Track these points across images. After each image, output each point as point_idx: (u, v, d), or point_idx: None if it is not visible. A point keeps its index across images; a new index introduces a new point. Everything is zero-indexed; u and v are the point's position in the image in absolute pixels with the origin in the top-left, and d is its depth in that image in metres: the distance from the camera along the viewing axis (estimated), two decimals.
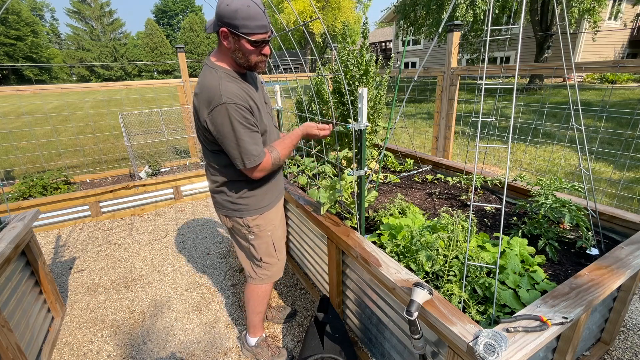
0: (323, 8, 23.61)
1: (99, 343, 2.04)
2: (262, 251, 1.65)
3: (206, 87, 1.31)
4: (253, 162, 1.35)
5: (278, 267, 1.74)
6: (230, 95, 1.27)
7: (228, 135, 1.30)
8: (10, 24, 31.75)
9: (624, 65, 2.00)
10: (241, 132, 1.30)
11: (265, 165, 1.41)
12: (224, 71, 1.34)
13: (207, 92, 1.30)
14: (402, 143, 5.77)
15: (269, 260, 1.69)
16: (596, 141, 4.88)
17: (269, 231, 1.63)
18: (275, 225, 1.66)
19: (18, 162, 5.64)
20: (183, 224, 3.52)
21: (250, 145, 1.33)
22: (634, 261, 1.30)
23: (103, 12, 41.74)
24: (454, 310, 1.08)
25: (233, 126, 1.28)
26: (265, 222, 1.61)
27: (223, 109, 1.26)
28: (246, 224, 1.58)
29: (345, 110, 2.45)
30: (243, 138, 1.31)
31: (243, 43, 1.27)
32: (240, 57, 1.32)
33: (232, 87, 1.30)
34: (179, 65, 4.17)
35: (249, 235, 1.61)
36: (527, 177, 1.97)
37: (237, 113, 1.28)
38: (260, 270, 1.71)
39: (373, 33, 31.35)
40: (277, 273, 1.76)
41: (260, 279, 1.73)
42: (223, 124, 1.28)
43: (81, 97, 13.45)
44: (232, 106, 1.27)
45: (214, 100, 1.27)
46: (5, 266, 1.71)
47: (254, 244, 1.63)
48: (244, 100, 1.31)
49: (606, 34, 13.56)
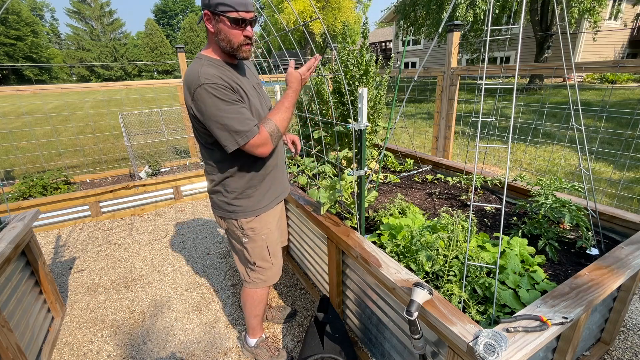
0: (323, 8, 23.61)
1: (99, 343, 2.04)
2: (255, 255, 1.61)
3: (188, 74, 1.30)
4: (247, 138, 1.27)
5: (273, 272, 1.70)
6: (208, 77, 1.24)
7: (212, 115, 1.25)
8: (10, 24, 31.77)
9: (624, 65, 2.00)
10: (225, 108, 1.25)
11: (263, 138, 1.32)
12: (208, 59, 1.33)
13: (188, 79, 1.29)
14: (402, 143, 5.77)
15: (263, 265, 1.65)
16: (596, 141, 4.88)
17: (263, 235, 1.59)
18: (271, 228, 1.62)
19: (18, 162, 5.64)
20: (183, 224, 3.52)
21: (237, 121, 1.27)
22: (634, 261, 1.30)
23: (103, 12, 41.75)
24: (454, 310, 1.08)
25: (215, 105, 1.24)
26: (261, 225, 1.57)
27: (202, 90, 1.23)
28: (240, 226, 1.54)
29: (345, 110, 2.45)
30: (228, 115, 1.25)
31: (223, 23, 1.25)
32: (223, 39, 1.29)
33: (211, 70, 1.28)
34: (179, 65, 4.16)
35: (243, 238, 1.57)
36: (527, 177, 1.97)
37: (217, 91, 1.24)
38: (254, 274, 1.67)
39: (373, 33, 31.35)
40: (272, 277, 1.71)
41: (254, 283, 1.69)
42: (206, 105, 1.25)
43: (81, 97, 13.45)
44: (212, 85, 1.23)
45: (194, 83, 1.25)
46: (5, 266, 1.71)
47: (248, 247, 1.59)
48: (223, 81, 1.27)
49: (606, 34, 13.56)
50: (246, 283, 1.72)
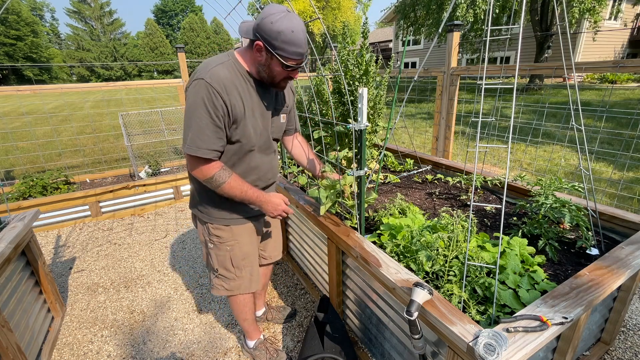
0: (323, 8, 23.61)
1: (99, 343, 2.04)
2: (219, 262, 1.55)
3: (204, 63, 1.26)
4: (192, 151, 1.22)
5: (237, 284, 1.60)
6: (213, 77, 1.20)
7: (188, 110, 1.22)
8: (10, 24, 31.75)
9: (624, 65, 2.00)
10: (202, 115, 1.20)
11: (206, 169, 1.26)
12: (235, 62, 1.28)
13: (199, 67, 1.25)
14: (402, 143, 5.77)
15: (225, 274, 1.58)
16: (596, 141, 4.88)
17: (228, 246, 1.51)
18: (241, 242, 1.53)
19: (18, 162, 5.64)
20: (183, 224, 3.51)
21: (204, 134, 1.21)
22: (634, 261, 1.30)
23: (103, 12, 41.74)
24: (454, 310, 1.08)
25: (197, 104, 1.20)
26: (229, 235, 1.49)
27: (198, 84, 1.20)
28: (207, 230, 1.49)
29: (345, 110, 2.45)
30: (199, 122, 1.20)
31: (275, 62, 1.23)
32: (266, 71, 1.27)
33: (224, 73, 1.23)
34: (179, 65, 4.16)
35: (208, 243, 1.52)
36: (527, 177, 1.97)
37: (208, 96, 1.19)
38: (217, 281, 1.61)
39: (373, 33, 31.35)
40: (237, 288, 1.61)
41: (216, 288, 1.62)
42: (191, 99, 1.21)
43: (81, 97, 13.45)
44: (208, 86, 1.18)
45: (198, 73, 1.21)
46: (5, 266, 1.71)
47: (212, 252, 1.54)
48: (224, 90, 1.21)
49: (606, 34, 13.56)
50: (211, 286, 1.66)
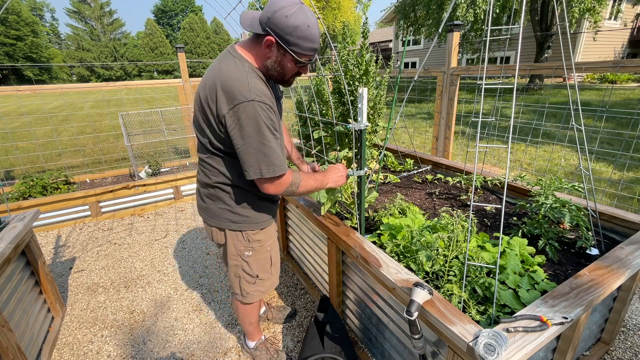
0: (323, 8, 23.61)
1: (99, 343, 2.04)
2: (259, 267, 1.51)
3: (231, 78, 1.15)
4: (273, 173, 1.19)
5: (271, 282, 1.62)
6: (260, 94, 1.15)
7: (252, 137, 1.14)
8: (10, 24, 31.73)
9: (624, 65, 2.00)
10: (268, 136, 1.16)
11: (286, 180, 1.26)
12: (252, 68, 1.21)
13: (231, 84, 1.14)
14: (402, 143, 5.77)
15: (264, 276, 1.56)
16: (596, 141, 4.88)
17: (268, 246, 1.51)
18: (274, 239, 1.56)
19: (18, 162, 5.64)
20: (183, 224, 3.51)
21: (275, 152, 1.19)
22: (634, 261, 1.30)
23: (103, 12, 41.72)
24: (454, 310, 1.08)
25: (259, 127, 1.14)
26: (267, 236, 1.49)
27: (251, 107, 1.12)
28: (247, 238, 1.43)
29: (345, 110, 2.45)
30: (268, 144, 1.16)
31: (287, 59, 1.19)
32: (277, 68, 1.22)
33: (261, 85, 1.18)
34: (179, 65, 4.17)
35: (247, 251, 1.46)
36: (527, 177, 1.97)
37: (265, 114, 1.15)
38: (252, 287, 1.55)
39: (373, 33, 31.34)
40: (270, 287, 1.62)
41: (251, 296, 1.56)
42: (248, 124, 1.13)
43: (81, 97, 13.44)
44: (263, 105, 1.14)
45: (242, 94, 1.12)
46: (5, 266, 1.71)
47: (250, 260, 1.48)
48: (271, 101, 1.19)
49: (606, 34, 13.57)
50: (242, 297, 1.58)
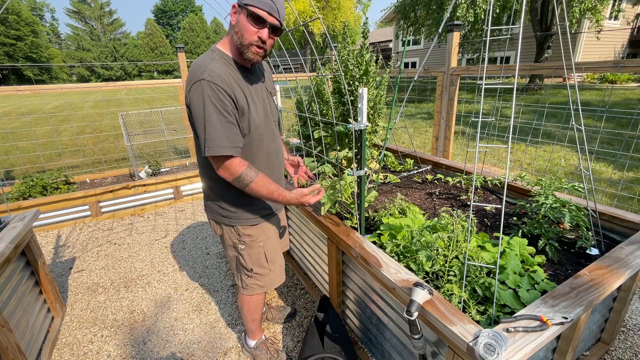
0: (323, 8, 23.62)
1: (99, 343, 2.04)
2: (252, 261, 1.57)
3: (195, 64, 1.27)
4: (213, 152, 1.23)
5: (271, 278, 1.64)
6: (212, 74, 1.21)
7: (198, 114, 1.22)
8: (10, 24, 31.72)
9: (624, 65, 2.00)
10: (211, 114, 1.21)
11: (232, 167, 1.27)
12: (221, 53, 1.30)
13: (193, 69, 1.26)
14: (402, 143, 5.77)
15: (260, 271, 1.60)
16: (596, 141, 4.88)
17: (261, 242, 1.54)
18: (271, 236, 1.58)
19: (18, 162, 5.64)
20: (183, 224, 3.52)
21: (217, 131, 1.22)
22: (634, 261, 1.30)
23: (103, 12, 41.71)
24: (454, 310, 1.08)
25: (205, 105, 1.21)
26: (259, 232, 1.53)
27: (200, 85, 1.20)
28: (237, 232, 1.50)
29: (345, 110, 2.45)
30: (211, 121, 1.21)
31: (244, 15, 1.23)
32: (237, 32, 1.25)
33: (220, 68, 1.25)
34: (179, 65, 4.16)
35: (239, 244, 1.53)
36: (527, 177, 1.97)
37: (214, 93, 1.20)
38: (251, 280, 1.62)
39: (373, 33, 31.35)
40: (270, 284, 1.66)
41: (251, 288, 1.64)
42: (197, 102, 1.21)
43: (81, 97, 13.43)
44: (211, 85, 1.20)
45: (196, 75, 1.22)
46: (5, 266, 1.71)
47: (244, 253, 1.55)
48: (227, 84, 1.23)
49: (606, 34, 13.55)
50: (242, 289, 1.66)
